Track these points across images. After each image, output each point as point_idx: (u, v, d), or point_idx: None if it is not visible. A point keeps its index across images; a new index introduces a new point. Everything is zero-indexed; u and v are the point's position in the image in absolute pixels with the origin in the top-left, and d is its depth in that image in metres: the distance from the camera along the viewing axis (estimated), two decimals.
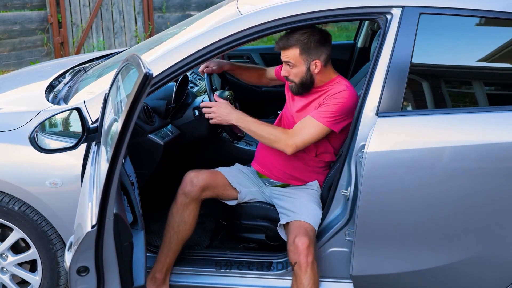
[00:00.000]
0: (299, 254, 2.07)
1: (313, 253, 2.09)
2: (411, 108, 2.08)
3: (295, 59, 2.22)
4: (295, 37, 2.20)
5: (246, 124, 2.24)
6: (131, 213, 1.96)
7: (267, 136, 2.23)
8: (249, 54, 3.82)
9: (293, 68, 2.25)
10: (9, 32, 6.85)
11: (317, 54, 2.21)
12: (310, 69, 2.23)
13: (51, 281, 2.30)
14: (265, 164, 2.44)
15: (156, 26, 7.86)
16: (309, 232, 2.14)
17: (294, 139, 2.19)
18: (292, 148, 2.19)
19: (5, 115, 2.33)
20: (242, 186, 2.40)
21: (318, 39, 2.20)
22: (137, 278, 1.82)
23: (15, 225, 2.23)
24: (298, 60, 2.22)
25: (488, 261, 2.03)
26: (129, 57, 1.76)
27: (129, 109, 1.51)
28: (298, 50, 2.20)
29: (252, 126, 2.23)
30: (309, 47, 2.20)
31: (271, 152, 2.38)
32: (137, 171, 2.23)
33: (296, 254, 2.08)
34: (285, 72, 2.29)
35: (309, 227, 2.16)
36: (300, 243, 2.08)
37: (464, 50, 2.10)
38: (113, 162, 1.56)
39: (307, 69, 2.23)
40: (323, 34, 2.23)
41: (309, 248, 2.08)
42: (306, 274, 2.08)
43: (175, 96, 2.74)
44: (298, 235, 2.11)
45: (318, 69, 2.23)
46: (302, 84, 2.27)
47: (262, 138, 2.24)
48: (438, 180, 1.95)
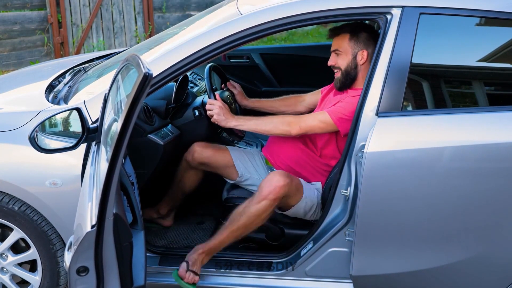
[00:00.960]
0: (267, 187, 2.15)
1: (278, 197, 2.15)
2: (411, 108, 2.08)
3: (343, 46, 2.32)
4: (348, 24, 2.32)
5: (246, 126, 2.32)
6: (131, 213, 1.96)
7: (269, 123, 2.28)
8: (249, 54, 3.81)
9: (340, 55, 2.34)
10: (9, 32, 6.84)
11: (365, 45, 2.30)
12: (356, 59, 2.31)
13: (51, 281, 2.31)
14: (272, 152, 2.51)
15: (156, 26, 7.86)
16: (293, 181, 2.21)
17: (298, 120, 2.25)
18: (296, 129, 2.23)
19: (5, 115, 2.33)
20: (246, 171, 2.50)
21: (369, 31, 2.30)
22: (137, 278, 1.82)
23: (15, 225, 2.23)
24: (346, 47, 2.32)
25: (488, 261, 2.03)
26: (129, 57, 1.76)
27: (129, 109, 1.51)
28: (348, 36, 2.31)
29: (252, 125, 2.30)
30: (359, 36, 2.30)
31: (278, 141, 2.46)
32: (137, 171, 2.23)
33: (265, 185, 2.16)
34: (332, 61, 2.38)
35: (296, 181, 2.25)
36: (274, 179, 2.16)
37: (464, 50, 2.11)
38: (113, 162, 1.56)
39: (353, 58, 2.31)
40: (374, 30, 2.33)
41: (278, 189, 2.13)
42: (257, 205, 2.16)
43: (175, 96, 2.74)
44: (277, 174, 2.19)
45: (364, 60, 2.30)
46: (347, 73, 2.33)
47: (265, 128, 2.30)
48: (438, 180, 1.95)
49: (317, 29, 8.94)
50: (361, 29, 2.32)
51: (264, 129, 2.31)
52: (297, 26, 2.13)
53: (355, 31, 2.32)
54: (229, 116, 2.33)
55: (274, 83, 3.79)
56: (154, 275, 2.31)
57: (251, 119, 2.33)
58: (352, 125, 2.06)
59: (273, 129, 2.29)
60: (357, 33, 2.31)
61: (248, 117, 2.35)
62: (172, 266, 2.31)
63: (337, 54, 2.35)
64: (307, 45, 4.74)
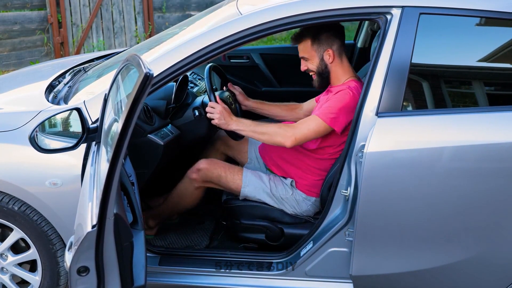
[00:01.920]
0: (191, 168, 2.51)
1: (197, 179, 2.47)
2: (411, 108, 2.08)
3: (308, 52, 2.35)
4: (306, 30, 2.33)
5: (245, 132, 2.35)
6: (131, 213, 1.96)
7: (266, 132, 2.29)
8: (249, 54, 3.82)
9: (308, 61, 2.38)
10: (9, 32, 6.84)
11: (328, 44, 2.32)
12: (324, 59, 2.34)
13: (51, 281, 2.31)
14: (264, 148, 2.59)
15: (156, 26, 7.85)
16: (217, 168, 2.45)
17: (293, 131, 2.25)
18: (291, 140, 2.24)
19: (5, 115, 2.33)
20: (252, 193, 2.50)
21: (328, 29, 2.31)
22: (137, 278, 1.82)
23: (15, 225, 2.23)
24: (311, 52, 2.35)
25: (488, 261, 2.03)
26: (129, 57, 1.76)
27: (130, 109, 1.51)
28: (310, 41, 2.33)
29: (249, 132, 2.33)
30: (320, 38, 2.31)
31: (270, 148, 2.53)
32: (137, 171, 2.23)
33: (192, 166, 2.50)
34: (303, 67, 2.42)
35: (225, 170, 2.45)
36: (198, 162, 2.50)
37: (464, 50, 2.11)
38: (113, 162, 1.56)
39: (321, 60, 2.34)
40: (333, 25, 2.33)
41: (196, 170, 2.48)
42: (182, 181, 2.54)
43: (175, 96, 2.74)
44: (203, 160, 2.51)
45: (332, 59, 2.34)
46: (321, 75, 2.38)
47: (262, 136, 2.31)
48: (438, 180, 1.95)
49: None
50: (320, 31, 2.32)
51: (260, 138, 2.33)
52: (297, 26, 2.13)
53: (315, 34, 2.33)
54: (230, 119, 2.34)
55: (274, 83, 3.80)
56: (154, 275, 2.31)
57: (250, 125, 2.33)
58: (352, 125, 2.06)
59: (268, 139, 2.30)
60: (317, 35, 2.32)
61: (249, 122, 2.35)
62: (172, 266, 2.31)
63: (306, 60, 2.39)
64: None
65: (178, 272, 2.33)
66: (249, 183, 2.46)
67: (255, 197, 2.47)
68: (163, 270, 2.32)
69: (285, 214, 2.46)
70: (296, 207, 2.45)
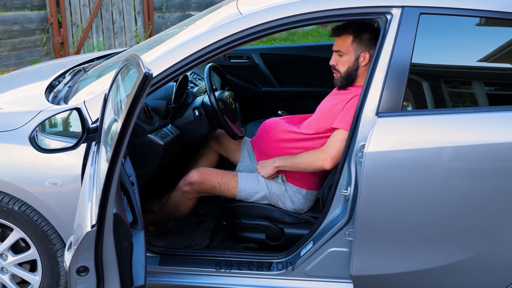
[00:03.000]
0: (183, 180, 2.49)
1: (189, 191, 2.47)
2: (411, 108, 2.08)
3: (346, 47, 2.33)
4: (351, 25, 2.31)
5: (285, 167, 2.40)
6: (131, 213, 1.96)
7: (303, 162, 2.33)
8: (249, 54, 3.81)
9: (342, 56, 2.35)
10: (9, 32, 6.84)
11: (368, 47, 2.31)
12: (358, 60, 2.33)
13: (51, 281, 2.31)
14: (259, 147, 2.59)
15: (156, 26, 7.85)
16: (211, 179, 2.44)
17: (327, 151, 2.26)
18: (328, 161, 2.25)
19: (5, 115, 2.33)
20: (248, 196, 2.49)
21: (372, 33, 2.29)
22: (137, 278, 1.82)
23: (15, 225, 2.23)
24: (348, 49, 2.32)
25: (488, 261, 2.03)
26: (129, 57, 1.76)
27: (129, 109, 1.51)
28: (351, 37, 2.31)
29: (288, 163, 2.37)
30: (362, 38, 2.30)
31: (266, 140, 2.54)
32: (137, 171, 2.23)
33: (184, 178, 2.50)
34: (333, 61, 2.39)
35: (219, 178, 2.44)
36: (190, 175, 2.47)
37: (464, 50, 2.10)
38: (113, 162, 1.56)
39: (355, 59, 2.33)
40: (377, 31, 2.29)
41: (188, 183, 2.46)
42: (175, 192, 2.52)
43: (175, 96, 2.74)
44: (195, 171, 2.48)
45: (366, 62, 2.32)
46: (347, 75, 2.36)
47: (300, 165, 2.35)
48: (438, 180, 1.95)
49: (317, 29, 8.94)
50: (364, 30, 2.32)
51: (299, 168, 2.37)
52: (297, 26, 2.13)
53: (359, 32, 2.31)
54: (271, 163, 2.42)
55: (274, 83, 3.79)
56: (154, 275, 2.31)
57: (285, 159, 2.39)
58: (352, 125, 2.06)
59: (308, 167, 2.33)
60: (360, 34, 2.31)
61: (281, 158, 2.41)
62: (172, 266, 2.31)
63: (340, 55, 2.35)
64: (307, 45, 4.74)
65: (178, 272, 2.33)
66: (245, 187, 2.46)
67: (250, 199, 2.48)
68: (163, 270, 2.32)
69: (285, 213, 2.46)
70: (290, 203, 2.45)
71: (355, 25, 2.33)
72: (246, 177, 2.49)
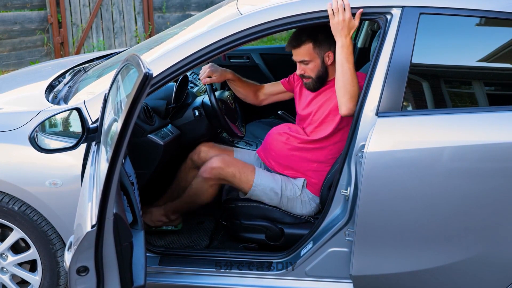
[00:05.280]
0: (204, 166, 2.47)
1: (210, 177, 2.44)
2: (411, 108, 2.08)
3: (310, 55, 2.33)
4: (305, 33, 2.30)
5: (349, 58, 2.13)
6: (131, 213, 1.96)
7: (350, 81, 2.12)
8: (249, 54, 3.82)
9: (309, 64, 2.35)
10: (9, 32, 6.84)
11: (328, 45, 2.31)
12: (324, 61, 2.34)
13: (51, 281, 2.31)
14: (265, 150, 2.55)
15: (156, 26, 7.85)
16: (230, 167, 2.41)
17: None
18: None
19: (5, 115, 2.33)
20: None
21: (324, 30, 2.26)
22: (137, 278, 1.82)
23: (15, 225, 2.23)
24: (312, 55, 2.33)
25: (488, 261, 2.03)
26: (129, 57, 1.76)
27: (129, 109, 1.51)
28: (311, 44, 2.31)
29: (348, 64, 2.13)
30: (319, 40, 2.30)
31: (271, 142, 2.50)
32: (137, 171, 2.23)
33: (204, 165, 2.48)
34: (300, 71, 2.38)
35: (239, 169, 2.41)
36: (211, 161, 2.45)
37: (464, 50, 2.10)
38: (113, 162, 1.56)
39: (322, 62, 2.34)
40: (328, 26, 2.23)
41: (210, 170, 2.43)
42: (196, 179, 2.50)
43: (175, 96, 2.75)
44: (216, 158, 2.45)
45: (331, 61, 2.33)
46: (319, 78, 2.37)
47: (344, 77, 2.12)
48: (438, 180, 1.95)
49: None
50: (318, 31, 2.29)
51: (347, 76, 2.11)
52: (297, 26, 2.13)
53: (315, 36, 2.30)
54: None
55: None
56: (154, 275, 2.31)
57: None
58: (352, 125, 2.06)
59: (344, 85, 2.11)
60: (317, 37, 2.30)
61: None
62: (172, 266, 2.31)
63: (306, 64, 2.35)
64: None
65: (178, 272, 2.33)
66: (260, 184, 2.44)
67: (259, 198, 2.46)
68: (163, 270, 2.32)
69: (285, 214, 2.46)
70: (299, 207, 2.44)
71: (307, 31, 2.30)
72: (263, 173, 2.48)
